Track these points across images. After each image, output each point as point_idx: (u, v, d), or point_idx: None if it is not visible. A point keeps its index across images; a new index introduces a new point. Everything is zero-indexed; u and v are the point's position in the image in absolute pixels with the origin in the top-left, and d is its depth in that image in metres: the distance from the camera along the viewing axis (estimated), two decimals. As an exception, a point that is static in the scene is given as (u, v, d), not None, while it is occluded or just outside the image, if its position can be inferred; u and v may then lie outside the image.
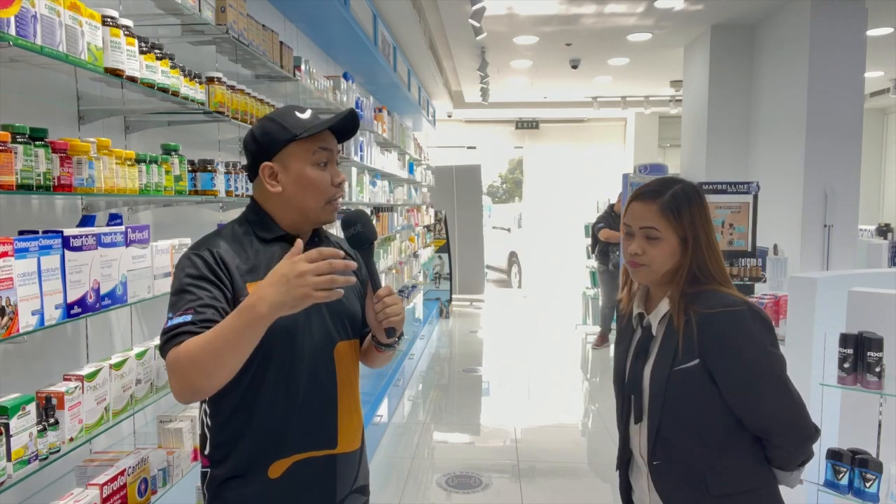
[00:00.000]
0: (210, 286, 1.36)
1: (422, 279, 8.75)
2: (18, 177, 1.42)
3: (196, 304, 1.33)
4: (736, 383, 1.47)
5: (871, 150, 10.29)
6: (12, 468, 1.38)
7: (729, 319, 1.45)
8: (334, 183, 1.50)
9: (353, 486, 1.59)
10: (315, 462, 1.50)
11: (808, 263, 5.49)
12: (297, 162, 1.46)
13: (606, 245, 6.99)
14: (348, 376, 1.56)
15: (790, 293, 3.03)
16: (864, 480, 2.02)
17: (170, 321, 1.33)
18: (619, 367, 1.67)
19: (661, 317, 1.56)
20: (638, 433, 1.59)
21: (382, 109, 5.79)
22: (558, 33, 7.26)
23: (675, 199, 1.52)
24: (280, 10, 3.86)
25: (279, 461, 1.46)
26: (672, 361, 1.49)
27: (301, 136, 1.45)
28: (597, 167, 13.03)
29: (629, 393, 1.60)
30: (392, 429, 4.99)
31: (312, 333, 1.48)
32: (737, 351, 1.45)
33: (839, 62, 5.54)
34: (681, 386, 1.48)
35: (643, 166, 5.74)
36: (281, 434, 1.46)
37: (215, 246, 1.43)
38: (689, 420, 1.49)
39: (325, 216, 1.52)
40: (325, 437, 1.51)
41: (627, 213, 1.58)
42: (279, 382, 1.45)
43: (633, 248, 1.55)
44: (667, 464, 1.52)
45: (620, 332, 1.73)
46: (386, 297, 1.47)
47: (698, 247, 1.52)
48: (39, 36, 1.44)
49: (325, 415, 1.51)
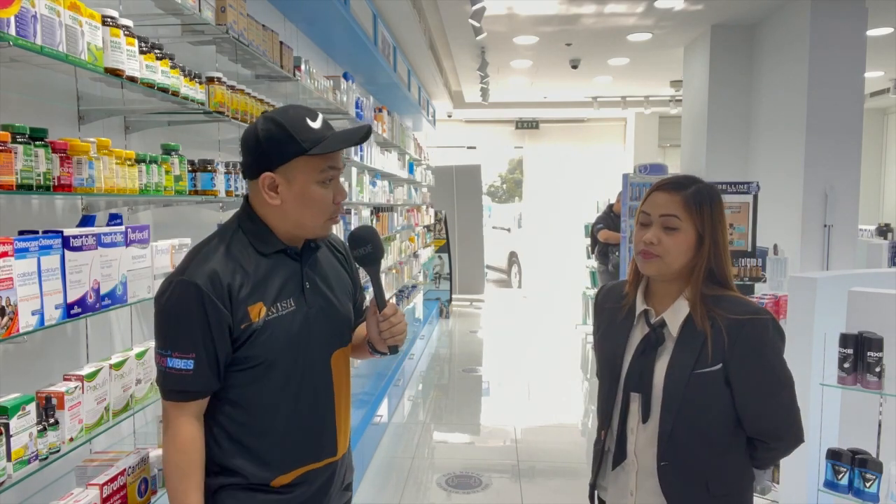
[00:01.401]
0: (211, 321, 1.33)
1: (422, 279, 8.75)
2: (18, 177, 1.42)
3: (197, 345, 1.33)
4: (755, 389, 1.49)
5: (871, 150, 10.28)
6: (12, 468, 1.38)
7: (756, 327, 1.48)
8: (336, 201, 1.44)
9: (342, 484, 1.60)
10: (318, 472, 1.50)
11: (808, 263, 5.49)
12: (303, 177, 1.37)
13: (606, 245, 6.98)
14: (344, 382, 1.56)
15: (790, 293, 3.02)
16: (864, 480, 2.02)
17: (169, 360, 1.33)
18: (612, 361, 1.61)
19: (681, 318, 1.53)
20: (638, 432, 1.56)
21: (382, 109, 5.79)
22: (558, 33, 7.26)
23: (699, 193, 1.52)
24: (280, 10, 3.86)
25: (284, 475, 1.45)
26: (693, 364, 1.48)
27: (312, 152, 1.35)
28: (597, 167, 13.02)
29: (632, 391, 1.56)
30: (392, 429, 4.98)
31: (310, 348, 1.46)
32: (760, 358, 1.48)
33: (839, 62, 5.54)
34: (699, 389, 1.48)
35: (643, 166, 5.73)
36: (284, 447, 1.44)
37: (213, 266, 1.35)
38: (701, 422, 1.50)
39: (322, 233, 1.48)
40: (327, 448, 1.51)
41: (647, 202, 1.55)
42: (282, 396, 1.43)
43: (649, 237, 1.51)
44: (674, 464, 1.51)
45: (611, 325, 1.66)
46: (392, 316, 1.48)
47: (715, 246, 1.52)
48: (39, 36, 1.44)
49: (327, 426, 1.51)
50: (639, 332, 1.60)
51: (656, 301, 1.59)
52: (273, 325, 1.39)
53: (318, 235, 1.50)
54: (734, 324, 1.48)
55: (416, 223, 7.85)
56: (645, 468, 1.56)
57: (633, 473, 1.57)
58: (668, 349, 1.53)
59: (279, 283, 1.43)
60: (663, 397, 1.51)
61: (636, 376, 1.55)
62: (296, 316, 1.43)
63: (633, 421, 1.57)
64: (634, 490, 1.57)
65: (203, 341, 1.33)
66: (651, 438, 1.54)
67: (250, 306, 1.36)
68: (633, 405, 1.57)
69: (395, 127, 6.34)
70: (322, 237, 1.54)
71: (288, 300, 1.43)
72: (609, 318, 1.68)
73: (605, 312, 1.70)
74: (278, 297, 1.41)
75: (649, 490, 1.55)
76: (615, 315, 1.66)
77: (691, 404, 1.48)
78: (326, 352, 1.50)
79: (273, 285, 1.41)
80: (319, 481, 1.50)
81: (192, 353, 1.32)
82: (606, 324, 1.69)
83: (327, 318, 1.50)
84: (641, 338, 1.58)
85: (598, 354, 1.70)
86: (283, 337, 1.40)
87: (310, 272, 1.50)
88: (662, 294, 1.58)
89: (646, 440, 1.55)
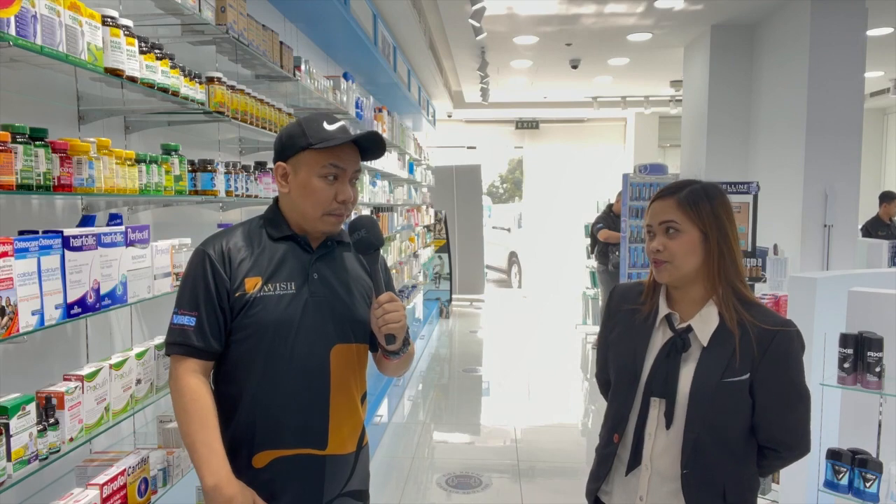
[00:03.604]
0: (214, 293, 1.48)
1: (422, 279, 8.75)
2: (18, 177, 1.42)
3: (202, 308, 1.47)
4: (776, 400, 1.50)
5: (871, 150, 10.28)
6: (12, 468, 1.38)
7: (785, 339, 1.49)
8: (338, 199, 1.52)
9: (343, 488, 1.58)
10: (301, 460, 1.51)
11: (808, 263, 5.49)
12: (306, 169, 1.51)
13: (606, 245, 6.98)
14: (345, 379, 1.56)
15: (790, 293, 3.03)
16: (863, 480, 2.02)
17: (176, 316, 1.49)
18: (630, 365, 1.57)
19: (711, 327, 1.51)
20: (656, 437, 1.52)
21: (382, 109, 5.79)
22: (558, 33, 7.26)
23: (693, 193, 1.53)
24: (280, 10, 3.86)
25: (263, 452, 1.50)
26: (723, 372, 1.47)
27: (315, 146, 1.48)
28: (597, 167, 13.03)
29: (654, 396, 1.52)
30: (392, 429, 4.99)
31: (307, 332, 1.50)
32: (786, 370, 1.50)
33: (839, 62, 5.54)
34: (727, 397, 1.47)
35: (643, 166, 5.74)
36: (264, 426, 1.49)
37: (228, 240, 1.54)
38: (725, 431, 1.49)
39: (322, 226, 1.55)
40: (313, 437, 1.52)
41: (648, 214, 1.57)
42: (268, 374, 1.49)
43: (654, 245, 1.52)
44: (695, 472, 1.49)
45: (628, 328, 1.63)
46: (386, 303, 1.48)
47: (725, 240, 1.51)
48: (39, 36, 1.44)
49: (316, 414, 1.52)
50: (661, 336, 1.56)
51: (680, 306, 1.57)
52: (267, 301, 1.50)
53: (320, 230, 1.56)
54: (765, 334, 1.48)
55: (416, 223, 7.84)
56: (660, 474, 1.52)
57: (646, 478, 1.54)
58: (693, 356, 1.51)
59: (283, 266, 1.54)
60: (689, 404, 1.48)
61: (660, 381, 1.52)
62: (294, 300, 1.51)
63: (651, 426, 1.53)
64: (645, 495, 1.54)
65: (206, 302, 1.47)
66: (670, 444, 1.51)
67: (248, 278, 1.49)
68: (654, 410, 1.53)
69: (395, 127, 6.34)
70: (326, 232, 1.57)
71: (289, 283, 1.52)
72: (626, 320, 1.64)
73: (621, 314, 1.67)
74: (278, 278, 1.52)
75: (662, 495, 1.52)
76: (632, 317, 1.63)
77: (718, 413, 1.47)
78: (325, 343, 1.52)
79: (276, 265, 1.52)
80: (303, 472, 1.50)
81: (196, 312, 1.47)
82: (623, 326, 1.65)
83: (330, 310, 1.53)
84: (664, 342, 1.54)
85: (612, 357, 1.66)
86: (275, 314, 1.48)
87: (321, 265, 1.57)
88: (685, 299, 1.56)
89: (664, 446, 1.51)
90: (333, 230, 1.58)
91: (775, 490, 3.03)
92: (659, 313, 1.58)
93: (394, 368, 1.64)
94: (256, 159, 3.14)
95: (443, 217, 10.35)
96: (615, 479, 1.61)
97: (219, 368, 1.55)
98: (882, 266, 5.40)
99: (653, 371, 1.53)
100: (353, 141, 1.51)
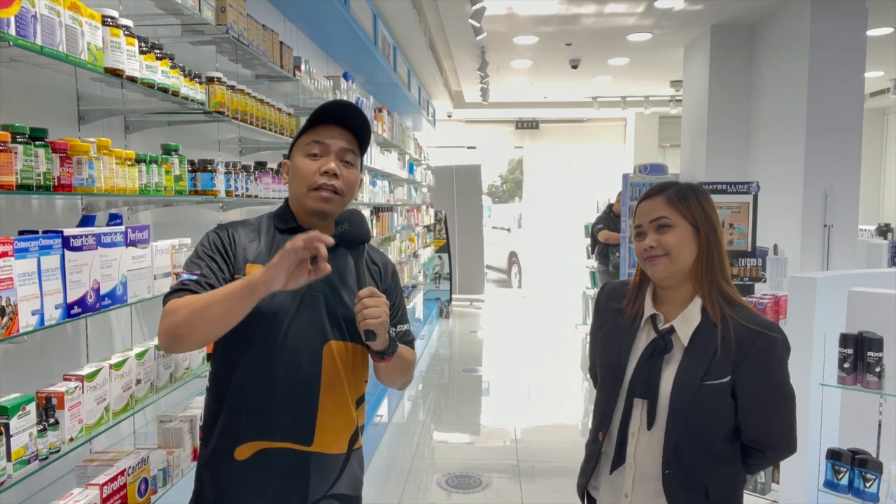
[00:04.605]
0: (219, 258, 1.52)
1: (422, 279, 8.75)
2: (18, 177, 1.42)
3: (204, 267, 1.50)
4: (760, 402, 1.50)
5: (871, 150, 10.28)
6: (12, 468, 1.38)
7: (767, 342, 1.48)
8: (321, 171, 1.53)
9: (329, 490, 1.54)
10: (285, 454, 1.49)
11: (808, 263, 5.49)
12: (296, 154, 1.59)
13: (606, 246, 6.99)
14: (338, 377, 1.53)
15: (790, 293, 3.03)
16: (863, 480, 2.02)
17: (178, 278, 1.54)
18: (615, 364, 1.58)
19: (692, 326, 1.51)
20: (639, 437, 1.54)
21: (382, 109, 5.79)
22: (558, 33, 7.26)
23: (681, 190, 1.55)
24: (280, 10, 3.86)
25: (246, 444, 1.49)
26: (703, 375, 1.47)
27: (302, 129, 1.58)
28: (597, 167, 13.03)
29: (636, 396, 1.54)
30: (392, 429, 4.99)
31: (301, 325, 1.50)
32: (769, 374, 1.50)
33: (839, 62, 5.54)
34: (707, 400, 1.48)
35: (643, 166, 5.73)
36: (250, 416, 1.49)
37: (236, 228, 1.59)
38: (705, 433, 1.50)
39: (309, 202, 1.55)
40: (298, 432, 1.50)
41: (636, 215, 1.57)
42: (256, 364, 1.49)
43: (647, 242, 1.53)
44: (677, 472, 1.50)
45: (614, 327, 1.63)
46: (366, 297, 1.40)
47: (715, 236, 1.53)
48: (39, 36, 1.44)
49: (302, 409, 1.50)
50: (645, 337, 1.57)
51: (665, 306, 1.57)
52: None
53: (308, 206, 1.55)
54: (746, 334, 1.47)
55: (416, 223, 7.85)
56: (643, 472, 1.54)
57: (630, 477, 1.55)
58: (675, 357, 1.52)
59: None
60: (670, 406, 1.49)
61: (642, 382, 1.53)
62: (291, 292, 1.44)
63: (634, 426, 1.55)
64: (630, 493, 1.56)
65: (209, 265, 1.51)
66: (653, 444, 1.52)
67: (250, 264, 1.52)
68: (637, 411, 1.54)
69: (395, 127, 6.34)
70: (314, 210, 1.55)
71: None
72: (612, 319, 1.66)
73: (608, 313, 1.68)
74: None
75: (646, 493, 1.53)
76: (618, 316, 1.64)
77: (698, 415, 1.48)
78: (318, 338, 1.51)
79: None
80: (286, 467, 1.48)
81: (198, 271, 1.50)
82: (609, 325, 1.66)
83: (328, 306, 1.52)
84: (648, 343, 1.55)
85: (599, 356, 1.67)
86: (270, 302, 1.45)
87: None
88: (672, 299, 1.57)
89: (647, 446, 1.53)
90: (323, 207, 1.54)
91: (775, 490, 3.02)
92: (644, 313, 1.59)
93: (385, 374, 1.57)
94: (256, 159, 3.14)
95: (443, 217, 10.36)
96: (602, 475, 1.63)
97: (214, 357, 1.57)
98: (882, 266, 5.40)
99: (636, 372, 1.54)
100: (335, 118, 1.55)
